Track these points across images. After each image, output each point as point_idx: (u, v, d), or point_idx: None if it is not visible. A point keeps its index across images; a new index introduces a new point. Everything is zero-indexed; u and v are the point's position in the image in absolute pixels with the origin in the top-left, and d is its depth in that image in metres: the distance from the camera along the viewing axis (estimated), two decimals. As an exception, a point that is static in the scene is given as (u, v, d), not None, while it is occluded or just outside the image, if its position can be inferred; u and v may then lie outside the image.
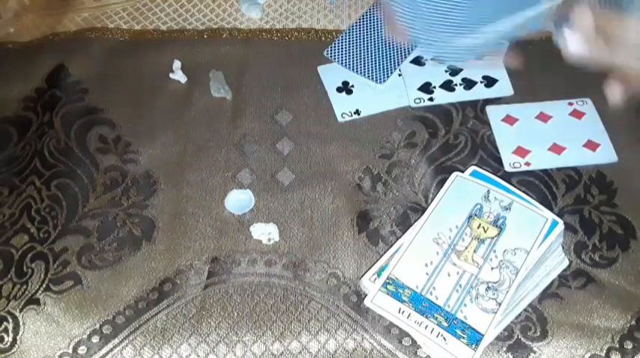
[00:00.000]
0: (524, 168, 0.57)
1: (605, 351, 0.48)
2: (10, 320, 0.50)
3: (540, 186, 0.56)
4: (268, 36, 0.71)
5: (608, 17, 0.51)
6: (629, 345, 0.48)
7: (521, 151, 0.58)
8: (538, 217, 0.50)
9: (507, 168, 0.57)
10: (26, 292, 0.51)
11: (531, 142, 0.59)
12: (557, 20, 0.53)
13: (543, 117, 0.61)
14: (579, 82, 0.61)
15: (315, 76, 0.66)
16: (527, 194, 0.53)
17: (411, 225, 0.53)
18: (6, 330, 0.50)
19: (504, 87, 0.63)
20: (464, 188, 0.53)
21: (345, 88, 0.65)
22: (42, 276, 0.52)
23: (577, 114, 0.61)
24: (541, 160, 0.58)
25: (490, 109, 0.62)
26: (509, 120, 0.61)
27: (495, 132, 0.60)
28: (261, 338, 0.49)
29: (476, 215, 0.51)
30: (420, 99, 0.63)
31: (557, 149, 0.58)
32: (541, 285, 0.50)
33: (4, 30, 0.73)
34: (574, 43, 0.53)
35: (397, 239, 0.53)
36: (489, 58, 0.63)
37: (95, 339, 0.49)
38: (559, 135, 0.59)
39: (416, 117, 0.62)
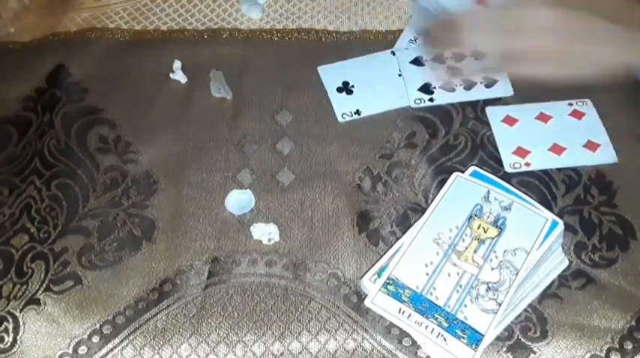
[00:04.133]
0: (524, 168, 0.57)
1: (605, 351, 0.48)
2: (11, 320, 0.50)
3: (540, 186, 0.56)
4: (268, 36, 0.71)
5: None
6: (629, 345, 0.48)
7: (521, 152, 0.58)
8: (538, 217, 0.50)
9: (507, 169, 0.57)
10: (26, 292, 0.51)
11: (531, 143, 0.59)
12: None
13: (543, 117, 0.61)
14: (579, 82, 0.61)
15: (315, 76, 0.66)
16: (527, 194, 0.53)
17: (411, 226, 0.53)
18: (6, 330, 0.50)
19: (504, 87, 0.63)
20: (464, 188, 0.53)
21: (345, 88, 0.65)
22: (42, 276, 0.52)
23: (577, 115, 0.61)
24: (541, 161, 0.58)
25: (490, 110, 0.62)
26: (509, 120, 0.61)
27: (495, 133, 0.60)
28: (261, 338, 0.49)
29: (476, 215, 0.51)
30: (420, 99, 0.63)
31: (557, 149, 0.58)
32: (541, 286, 0.50)
33: (4, 30, 0.73)
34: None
35: (397, 239, 0.53)
36: None
37: (95, 339, 0.49)
38: (559, 136, 0.59)
39: (416, 117, 0.62)
